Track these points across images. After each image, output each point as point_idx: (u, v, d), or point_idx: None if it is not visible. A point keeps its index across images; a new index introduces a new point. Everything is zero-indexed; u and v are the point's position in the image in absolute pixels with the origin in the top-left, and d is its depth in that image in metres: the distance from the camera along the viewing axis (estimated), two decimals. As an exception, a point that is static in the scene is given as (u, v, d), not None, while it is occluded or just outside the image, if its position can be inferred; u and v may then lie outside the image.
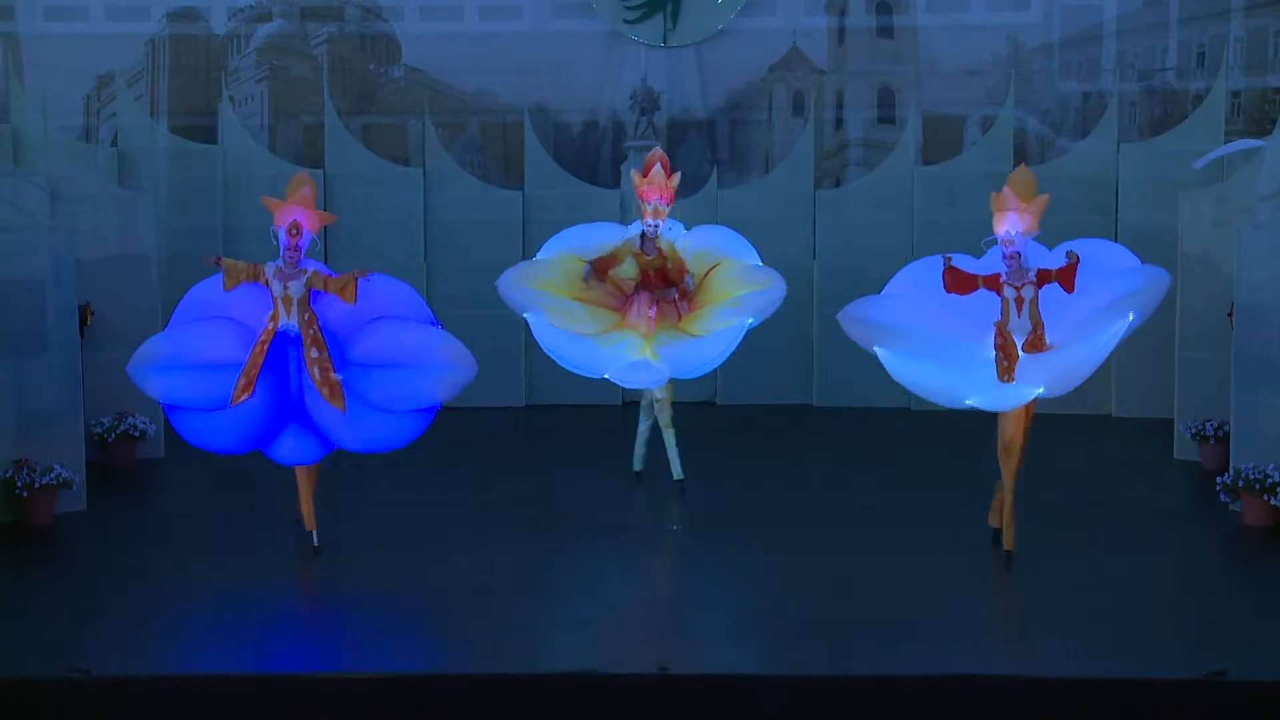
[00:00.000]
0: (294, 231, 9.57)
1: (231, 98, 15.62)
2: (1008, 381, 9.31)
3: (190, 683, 7.63)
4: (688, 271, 11.13)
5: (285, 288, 9.53)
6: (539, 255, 11.47)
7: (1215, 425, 12.06)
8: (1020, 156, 15.27)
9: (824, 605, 8.88)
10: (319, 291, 9.54)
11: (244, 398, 9.34)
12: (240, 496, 11.54)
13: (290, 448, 9.71)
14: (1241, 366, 10.85)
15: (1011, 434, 9.57)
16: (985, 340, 9.43)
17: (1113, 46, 15.81)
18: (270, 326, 9.50)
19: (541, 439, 14.14)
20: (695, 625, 8.63)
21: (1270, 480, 10.24)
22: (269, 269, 9.57)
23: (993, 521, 9.94)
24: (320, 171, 15.24)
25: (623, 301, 11.15)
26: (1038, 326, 9.38)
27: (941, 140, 15.74)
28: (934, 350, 9.54)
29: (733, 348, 10.98)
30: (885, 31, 16.03)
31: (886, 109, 16.04)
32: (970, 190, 15.06)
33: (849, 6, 15.99)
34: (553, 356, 11.05)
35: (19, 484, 10.45)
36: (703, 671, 7.78)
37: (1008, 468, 9.61)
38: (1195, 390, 12.50)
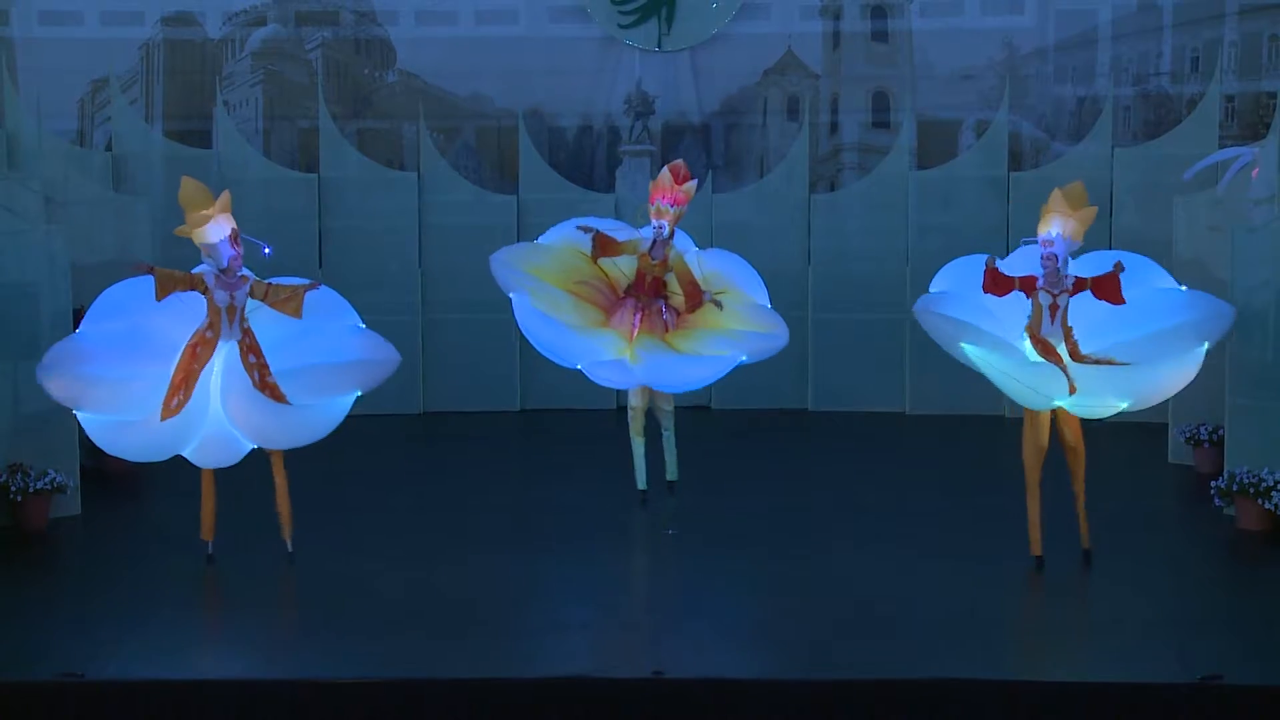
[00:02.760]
0: (236, 240, 9.43)
1: (226, 102, 15.62)
2: (1073, 391, 9.28)
3: (184, 687, 7.63)
4: (704, 289, 11.03)
5: (231, 297, 9.38)
6: (542, 240, 11.35)
7: (1209, 429, 12.07)
8: (1015, 161, 15.31)
9: (819, 609, 8.88)
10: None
11: (178, 412, 9.21)
12: (234, 502, 11.52)
13: (209, 452, 9.62)
14: (1236, 371, 10.85)
15: (1074, 439, 9.61)
16: (1023, 344, 9.44)
17: (1107, 51, 15.83)
18: (210, 336, 9.35)
19: (536, 443, 14.14)
20: (691, 629, 8.62)
21: (1264, 484, 10.25)
22: (208, 277, 9.39)
23: (1034, 551, 9.78)
24: (315, 176, 15.26)
25: (612, 302, 11.10)
26: (1070, 334, 9.35)
27: (936, 144, 15.75)
28: (1007, 349, 9.48)
29: (716, 378, 10.98)
30: (880, 36, 16.04)
31: (881, 113, 16.05)
32: (965, 194, 15.10)
33: (843, 11, 16.01)
34: (529, 338, 10.94)
35: (13, 488, 10.45)
36: (699, 675, 7.78)
37: (1078, 474, 9.70)
38: (1189, 394, 12.41)
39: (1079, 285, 9.39)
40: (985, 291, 9.48)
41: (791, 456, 13.41)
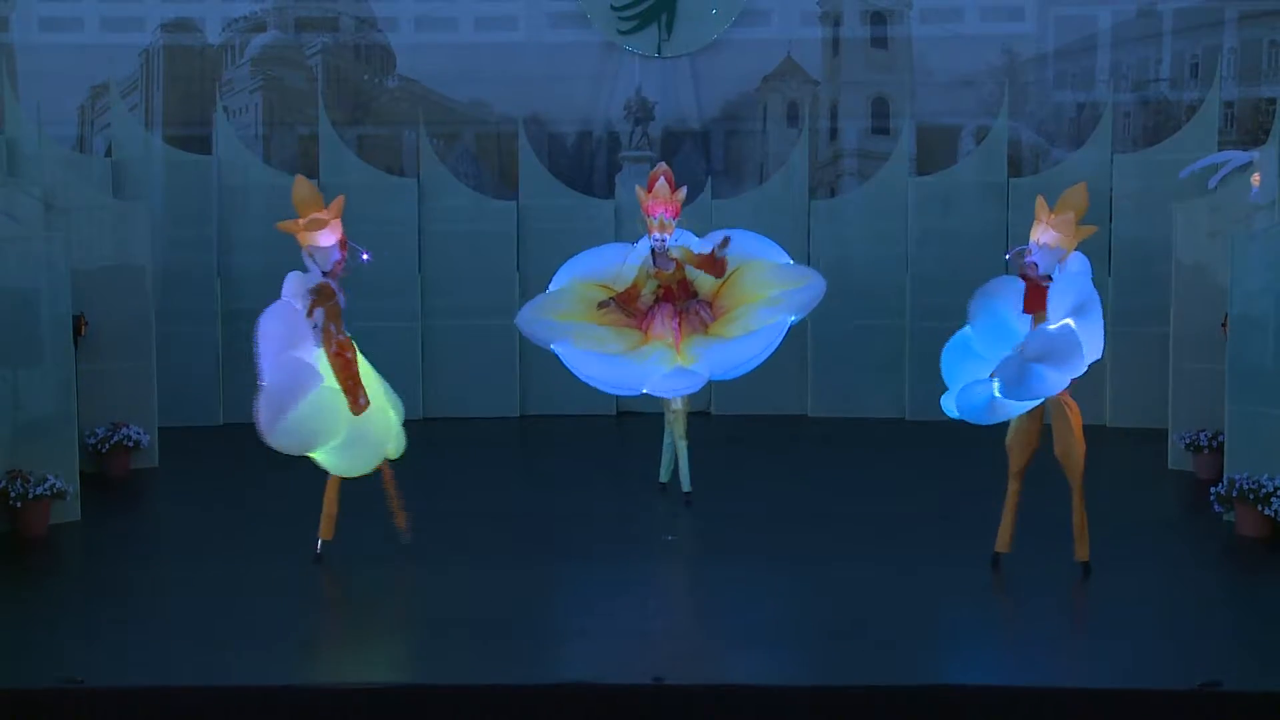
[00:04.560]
0: (344, 245, 9.69)
1: (226, 108, 15.63)
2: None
3: (184, 694, 7.62)
4: (716, 252, 10.95)
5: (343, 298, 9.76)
6: (552, 287, 11.30)
7: (1209, 435, 12.08)
8: (1015, 167, 15.32)
9: (819, 615, 8.88)
10: None
11: (367, 408, 9.59)
12: (234, 506, 11.54)
13: (399, 444, 10.03)
14: (1235, 377, 10.85)
15: (1061, 450, 9.55)
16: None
17: (1107, 57, 15.85)
18: (343, 338, 9.60)
19: (536, 449, 14.14)
20: (691, 636, 8.63)
21: (1264, 490, 10.25)
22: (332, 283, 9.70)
23: (997, 547, 9.83)
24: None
25: (643, 319, 11.05)
26: None
27: (936, 150, 15.77)
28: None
29: (775, 346, 10.83)
30: (880, 42, 16.06)
31: (881, 119, 16.07)
32: (965, 200, 15.11)
33: (843, 17, 16.02)
34: (589, 381, 10.90)
35: (13, 494, 10.44)
36: (699, 682, 7.77)
37: (1073, 486, 9.58)
38: (1189, 400, 12.51)
39: None
40: (1026, 311, 9.32)
41: (791, 462, 13.41)
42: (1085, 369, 9.15)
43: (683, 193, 11.05)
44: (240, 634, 8.58)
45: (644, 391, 10.84)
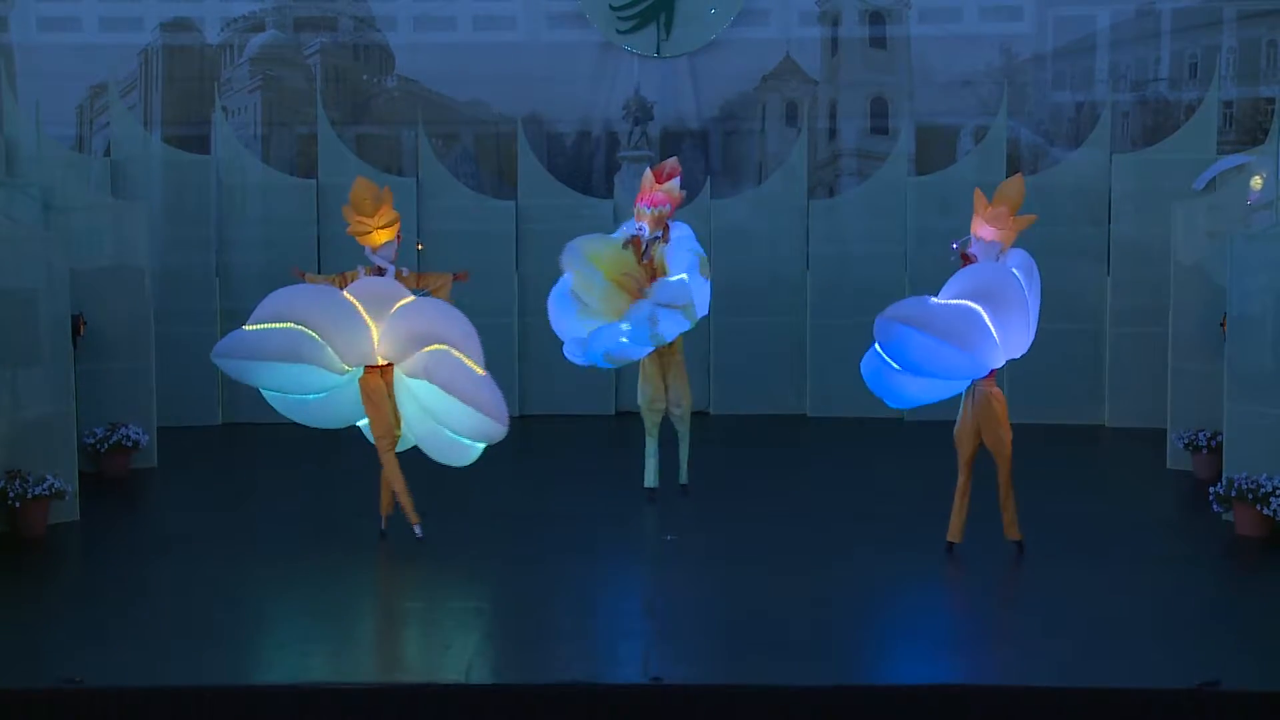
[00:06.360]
0: (399, 237, 10.51)
1: (225, 108, 15.63)
2: None
3: (183, 694, 7.62)
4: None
5: None
6: (615, 235, 11.50)
7: (1208, 435, 12.08)
8: (1013, 167, 15.31)
9: (817, 615, 8.87)
10: None
11: None
12: (233, 506, 11.53)
13: None
14: (1234, 377, 10.86)
15: (991, 442, 9.77)
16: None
17: (1105, 57, 15.85)
18: None
19: (534, 449, 14.12)
20: (689, 636, 8.62)
21: (1263, 490, 10.25)
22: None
23: (949, 536, 9.96)
24: (313, 181, 15.26)
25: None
26: None
27: (935, 150, 15.76)
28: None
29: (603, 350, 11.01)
30: (878, 42, 16.06)
31: (880, 119, 16.06)
32: (963, 200, 14.97)
33: (842, 17, 16.02)
34: (549, 305, 11.24)
35: (12, 494, 10.44)
36: (697, 682, 7.78)
37: (1000, 469, 9.80)
38: (1188, 400, 12.51)
39: None
40: None
41: (790, 462, 13.40)
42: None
43: (673, 184, 11.05)
44: (240, 634, 8.58)
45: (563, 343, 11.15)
